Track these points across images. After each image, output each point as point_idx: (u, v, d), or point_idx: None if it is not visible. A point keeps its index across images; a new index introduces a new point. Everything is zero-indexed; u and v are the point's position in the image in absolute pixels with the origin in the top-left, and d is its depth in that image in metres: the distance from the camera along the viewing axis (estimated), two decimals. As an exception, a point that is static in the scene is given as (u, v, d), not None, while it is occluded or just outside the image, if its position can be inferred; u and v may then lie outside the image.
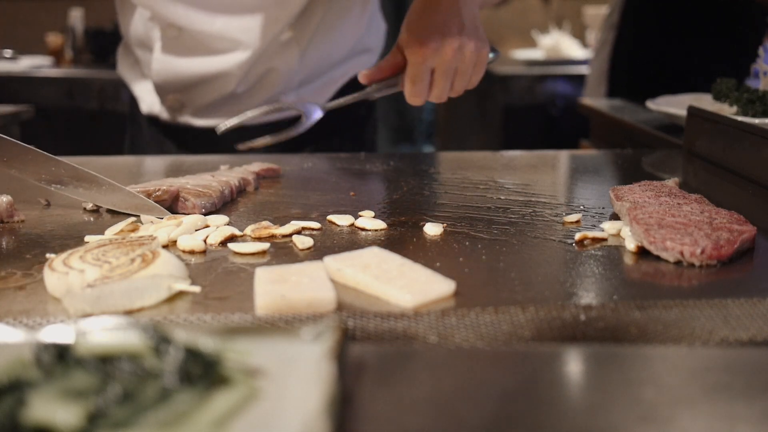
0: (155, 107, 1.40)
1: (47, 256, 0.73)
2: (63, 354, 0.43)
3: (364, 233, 0.83)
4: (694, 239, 0.71)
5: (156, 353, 0.44)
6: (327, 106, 1.11)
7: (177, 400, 0.40)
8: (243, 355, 0.46)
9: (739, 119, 1.16)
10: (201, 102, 1.34)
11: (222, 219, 0.85)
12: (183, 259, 0.73)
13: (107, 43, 3.36)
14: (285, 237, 0.80)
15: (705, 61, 2.00)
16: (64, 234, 0.82)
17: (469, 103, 3.59)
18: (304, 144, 1.28)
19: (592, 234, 0.79)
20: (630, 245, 0.75)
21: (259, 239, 0.80)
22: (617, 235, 0.79)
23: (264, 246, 0.76)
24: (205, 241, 0.78)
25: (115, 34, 1.61)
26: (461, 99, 1.08)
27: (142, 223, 0.84)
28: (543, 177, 1.13)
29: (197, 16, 1.25)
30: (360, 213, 0.88)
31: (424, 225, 0.84)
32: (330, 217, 0.87)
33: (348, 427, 0.42)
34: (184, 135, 1.39)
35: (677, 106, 1.44)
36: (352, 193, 1.00)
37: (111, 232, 0.81)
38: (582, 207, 0.92)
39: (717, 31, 2.04)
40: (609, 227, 0.81)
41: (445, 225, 0.84)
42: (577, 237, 0.78)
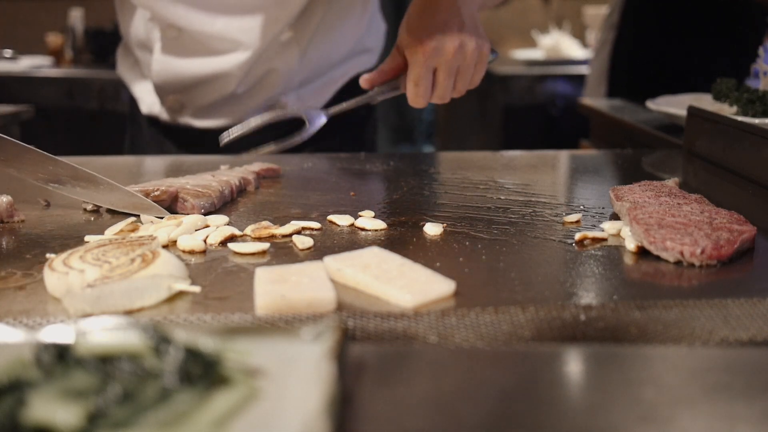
0: (155, 108, 1.39)
1: (47, 256, 0.73)
2: (63, 354, 0.43)
3: (364, 233, 0.83)
4: (694, 239, 0.71)
5: (156, 353, 0.44)
6: (330, 111, 1.12)
7: (177, 400, 0.40)
8: (243, 355, 0.46)
9: (739, 119, 1.16)
10: (201, 103, 1.34)
11: (222, 219, 0.85)
12: (183, 259, 0.73)
13: (107, 43, 3.36)
14: (285, 237, 0.80)
15: (705, 61, 2.00)
16: (64, 234, 0.82)
17: (469, 103, 3.59)
18: (304, 144, 1.28)
19: (592, 234, 0.79)
20: (630, 245, 0.75)
21: (259, 239, 0.80)
22: (617, 235, 0.79)
23: (264, 246, 0.76)
24: (205, 241, 0.78)
25: (115, 34, 1.61)
26: (461, 99, 1.08)
27: (142, 223, 0.84)
28: (543, 177, 1.13)
29: (197, 16, 1.25)
30: (360, 213, 0.88)
31: (424, 225, 0.84)
32: (330, 217, 0.87)
33: (348, 427, 0.42)
34: (184, 135, 1.39)
35: (677, 106, 1.44)
36: (352, 193, 1.00)
37: (111, 232, 0.81)
38: (582, 207, 0.92)
39: (717, 31, 2.04)
40: (609, 227, 0.81)
41: (445, 225, 0.84)
42: (577, 237, 0.78)
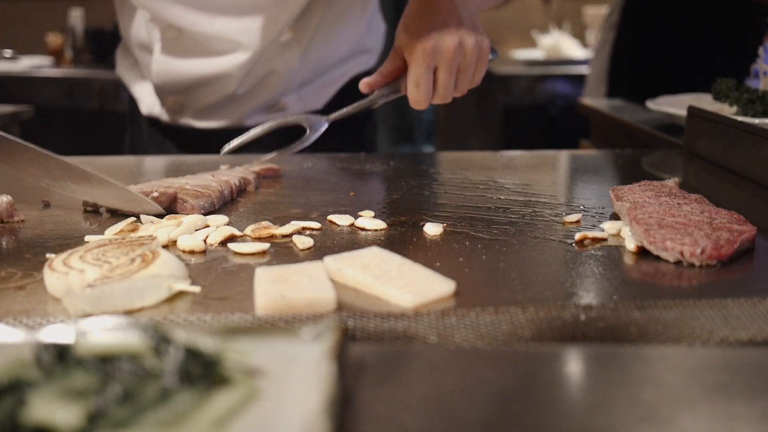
0: (155, 109, 1.39)
1: (47, 256, 0.73)
2: (63, 354, 0.43)
3: (364, 233, 0.83)
4: (694, 239, 0.71)
5: (156, 353, 0.44)
6: (332, 117, 1.11)
7: (177, 400, 0.40)
8: (243, 355, 0.46)
9: (739, 119, 1.16)
10: (201, 103, 1.34)
11: (222, 219, 0.85)
12: (183, 259, 0.73)
13: (107, 43, 3.36)
14: (285, 237, 0.80)
15: (705, 61, 2.00)
16: (64, 234, 0.82)
17: (469, 103, 3.59)
18: (304, 144, 1.28)
19: (592, 234, 0.79)
20: (630, 245, 0.75)
21: (259, 239, 0.80)
22: (617, 235, 0.79)
23: (264, 246, 0.76)
24: (205, 241, 0.78)
25: (115, 34, 1.61)
26: (461, 99, 1.08)
27: (142, 223, 0.84)
28: (543, 177, 1.13)
29: (197, 17, 1.25)
30: (360, 213, 0.88)
31: (424, 225, 0.84)
32: (330, 217, 0.87)
33: (348, 427, 0.42)
34: (184, 136, 1.39)
35: (677, 106, 1.44)
36: (352, 193, 1.00)
37: (111, 232, 0.81)
38: (582, 207, 0.92)
39: (717, 31, 2.04)
40: (609, 227, 0.81)
41: (445, 225, 0.84)
42: (577, 237, 0.78)
